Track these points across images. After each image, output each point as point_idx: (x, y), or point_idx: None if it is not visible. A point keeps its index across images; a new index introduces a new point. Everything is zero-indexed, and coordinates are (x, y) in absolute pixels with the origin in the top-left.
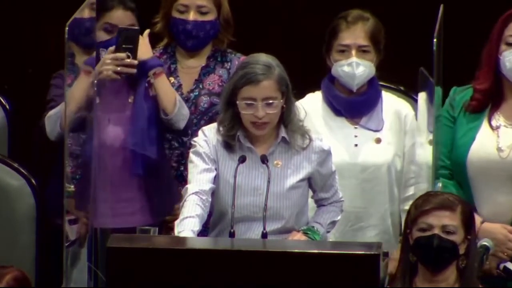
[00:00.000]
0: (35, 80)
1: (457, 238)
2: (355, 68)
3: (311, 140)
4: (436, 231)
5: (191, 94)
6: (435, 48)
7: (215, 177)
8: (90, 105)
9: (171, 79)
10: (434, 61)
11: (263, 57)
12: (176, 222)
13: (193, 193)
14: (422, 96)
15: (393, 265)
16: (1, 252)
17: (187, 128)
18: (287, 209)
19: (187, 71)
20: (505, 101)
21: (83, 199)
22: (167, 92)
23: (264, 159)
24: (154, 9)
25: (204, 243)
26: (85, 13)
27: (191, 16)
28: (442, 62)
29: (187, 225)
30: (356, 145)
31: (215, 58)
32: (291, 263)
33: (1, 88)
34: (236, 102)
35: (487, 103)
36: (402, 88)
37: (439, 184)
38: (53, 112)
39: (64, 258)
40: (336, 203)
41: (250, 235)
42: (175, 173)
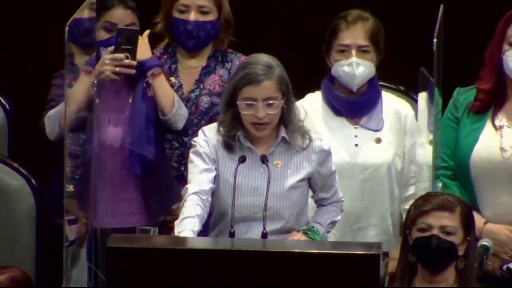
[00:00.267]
0: (35, 80)
1: (456, 239)
2: (355, 68)
3: (311, 140)
4: (435, 231)
5: (191, 94)
6: (435, 48)
7: (215, 177)
8: (91, 105)
9: (171, 79)
10: (434, 61)
11: (264, 57)
12: (176, 222)
13: (193, 193)
14: (422, 96)
15: (393, 265)
16: (1, 252)
17: (186, 128)
18: (287, 209)
19: (187, 71)
20: (508, 101)
21: (83, 199)
22: (165, 92)
23: (264, 159)
24: (155, 9)
25: (204, 243)
26: (84, 13)
27: (192, 16)
28: (442, 62)
29: (187, 225)
30: (356, 145)
31: (215, 58)
32: (291, 263)
33: (1, 88)
34: (237, 102)
35: (491, 103)
36: (402, 88)
37: (439, 184)
38: (52, 112)
39: (64, 258)
40: (336, 203)
41: (250, 235)
42: (175, 173)
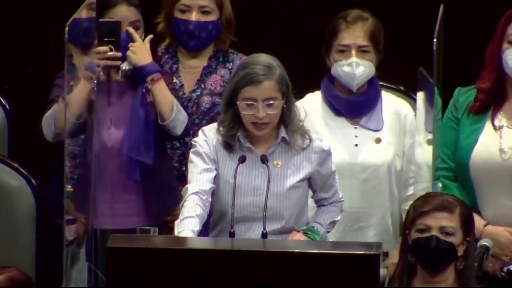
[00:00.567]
0: (35, 80)
1: (455, 239)
2: (355, 68)
3: (311, 140)
4: (434, 232)
5: (193, 94)
6: (435, 48)
7: (215, 177)
8: (91, 107)
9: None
10: (434, 61)
11: (264, 58)
12: (176, 222)
13: (193, 193)
14: (421, 96)
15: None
16: (1, 252)
17: (184, 134)
18: (287, 209)
19: (188, 71)
20: (508, 101)
21: (82, 201)
22: (164, 98)
23: (264, 159)
24: (156, 9)
25: (204, 243)
26: (83, 13)
27: (194, 16)
28: (442, 62)
29: (187, 225)
30: (356, 145)
31: (217, 58)
32: (291, 263)
33: (1, 88)
34: (237, 102)
35: (490, 103)
36: (402, 88)
37: (439, 184)
38: (48, 113)
39: (64, 258)
40: (336, 203)
41: (250, 235)
42: (176, 173)
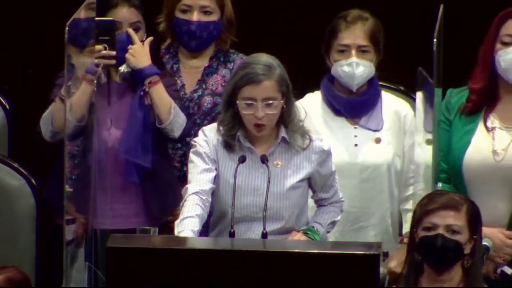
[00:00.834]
0: (35, 80)
1: (461, 237)
2: (355, 68)
3: (311, 140)
4: (440, 230)
5: (194, 95)
6: (435, 48)
7: (215, 177)
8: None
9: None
10: (434, 61)
11: (264, 57)
12: (176, 222)
13: (193, 193)
14: (420, 96)
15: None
16: (1, 252)
17: (183, 137)
18: (287, 209)
19: (189, 71)
20: (500, 102)
21: (82, 201)
22: (162, 100)
23: (264, 159)
24: (157, 9)
25: (204, 243)
26: (82, 13)
27: (195, 16)
28: (442, 62)
29: (187, 225)
30: (356, 145)
31: (217, 58)
32: (291, 263)
33: (1, 88)
34: (236, 102)
35: (483, 104)
36: (402, 88)
37: (439, 185)
38: (45, 114)
39: (64, 258)
40: (336, 203)
41: (250, 235)
42: (178, 173)
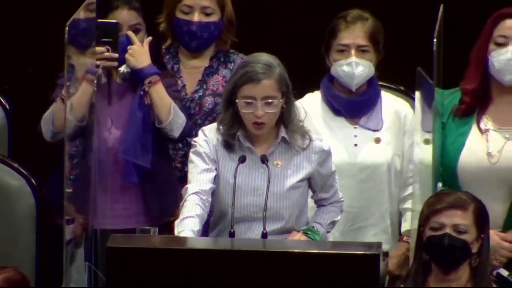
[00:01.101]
0: (35, 80)
1: (468, 237)
2: (355, 68)
3: (311, 140)
4: (447, 230)
5: (195, 95)
6: (435, 48)
7: (215, 177)
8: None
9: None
10: (434, 61)
11: (264, 57)
12: (176, 222)
13: (193, 193)
14: (418, 95)
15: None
16: (1, 252)
17: (182, 137)
18: (287, 209)
19: (190, 71)
20: (492, 103)
21: (81, 201)
22: (161, 100)
23: (264, 159)
24: (157, 9)
25: (204, 243)
26: (81, 14)
27: (196, 17)
28: (442, 62)
29: (187, 225)
30: (356, 145)
31: (218, 58)
32: (291, 263)
33: (1, 88)
34: (236, 100)
35: (476, 105)
36: (402, 88)
37: (439, 184)
38: (46, 114)
39: (64, 258)
40: (336, 203)
41: (250, 235)
42: (179, 173)
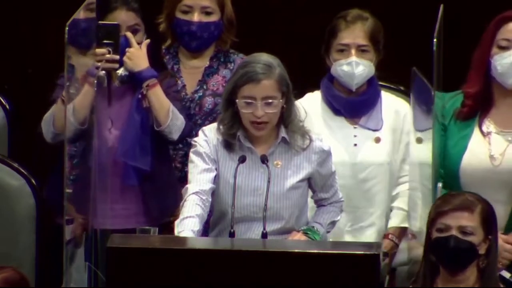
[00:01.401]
0: (35, 80)
1: (474, 238)
2: (355, 68)
3: (311, 140)
4: (453, 232)
5: (195, 95)
6: (435, 48)
7: (215, 177)
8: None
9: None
10: (434, 61)
11: (265, 57)
12: (176, 222)
13: (193, 193)
14: (413, 95)
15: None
16: (1, 252)
17: (181, 139)
18: (287, 209)
19: (190, 71)
20: (494, 106)
21: (82, 201)
22: (160, 103)
23: (264, 159)
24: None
25: (204, 243)
26: (81, 14)
27: (196, 17)
28: (442, 62)
29: (187, 225)
30: (356, 145)
31: (218, 58)
32: (291, 263)
33: (1, 88)
34: (236, 100)
35: (478, 108)
36: (401, 88)
37: (439, 184)
38: (47, 115)
39: (64, 258)
40: (336, 203)
41: (250, 235)
42: (179, 174)
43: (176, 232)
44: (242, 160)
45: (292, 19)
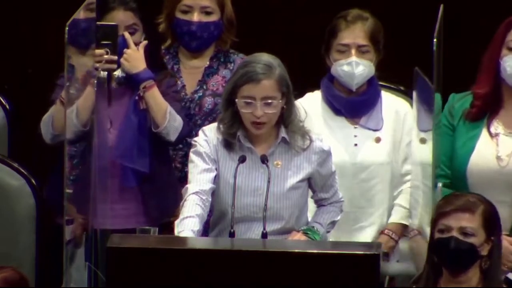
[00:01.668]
0: (35, 80)
1: (476, 240)
2: (355, 68)
3: (311, 140)
4: (454, 233)
5: (195, 95)
6: (435, 48)
7: (215, 177)
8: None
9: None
10: (434, 61)
11: (265, 57)
12: (176, 222)
13: (193, 193)
14: (416, 95)
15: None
16: (1, 252)
17: (179, 140)
18: (287, 209)
19: (190, 71)
20: (503, 108)
21: (82, 201)
22: (157, 105)
23: (264, 159)
24: (157, 9)
25: (204, 243)
26: (81, 14)
27: (195, 17)
28: (442, 62)
29: (187, 225)
30: (356, 145)
31: (218, 58)
32: (291, 263)
33: (1, 88)
34: (236, 100)
35: (487, 109)
36: (402, 88)
37: (439, 184)
38: (46, 116)
39: (64, 258)
40: (336, 203)
41: (250, 235)
42: (179, 174)
43: (176, 232)
44: (242, 160)
45: (292, 19)
